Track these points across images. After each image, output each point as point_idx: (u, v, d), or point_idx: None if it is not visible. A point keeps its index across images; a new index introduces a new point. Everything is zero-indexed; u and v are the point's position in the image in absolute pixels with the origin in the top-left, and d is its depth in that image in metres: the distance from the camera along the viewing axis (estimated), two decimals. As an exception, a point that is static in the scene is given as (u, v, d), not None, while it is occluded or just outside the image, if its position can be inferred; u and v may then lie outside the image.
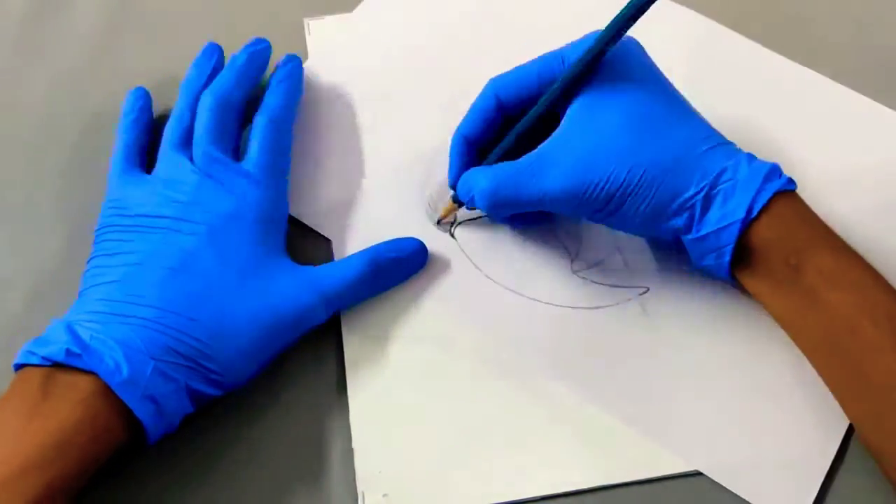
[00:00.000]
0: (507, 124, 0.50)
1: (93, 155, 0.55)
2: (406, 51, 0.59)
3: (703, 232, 0.46)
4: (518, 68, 0.49)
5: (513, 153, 0.49)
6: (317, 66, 0.58)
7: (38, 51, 0.59)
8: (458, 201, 0.51)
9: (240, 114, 0.53)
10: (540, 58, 0.49)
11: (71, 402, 0.41)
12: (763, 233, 0.45)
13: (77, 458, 0.41)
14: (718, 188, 0.46)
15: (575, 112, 0.47)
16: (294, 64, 0.55)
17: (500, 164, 0.49)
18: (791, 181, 0.46)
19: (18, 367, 0.43)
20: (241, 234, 0.47)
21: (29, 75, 0.58)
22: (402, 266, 0.50)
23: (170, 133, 0.51)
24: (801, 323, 0.46)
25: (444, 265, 0.51)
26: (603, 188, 0.46)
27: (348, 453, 0.47)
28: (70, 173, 0.54)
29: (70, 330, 0.42)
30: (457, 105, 0.51)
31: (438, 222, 0.52)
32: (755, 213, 0.45)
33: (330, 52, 0.59)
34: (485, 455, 0.47)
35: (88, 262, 0.47)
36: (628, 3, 0.45)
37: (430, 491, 0.46)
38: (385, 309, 0.50)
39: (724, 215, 0.45)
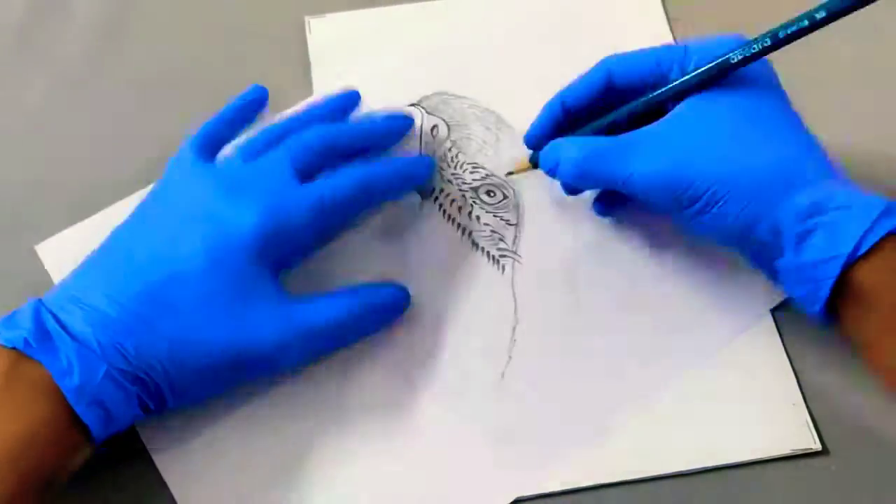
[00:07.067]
0: (608, 107, 0.49)
1: (93, 155, 0.55)
2: (409, 51, 0.58)
3: (802, 259, 0.43)
4: (638, 51, 0.48)
5: (605, 135, 0.48)
6: (317, 65, 0.58)
7: (38, 51, 0.59)
8: (534, 162, 0.50)
9: (333, 159, 0.49)
10: (662, 46, 0.48)
11: (34, 397, 0.40)
12: (872, 273, 0.42)
13: (46, 453, 0.40)
14: (826, 215, 0.43)
15: (686, 105, 0.46)
16: (427, 165, 0.52)
17: (594, 137, 0.48)
18: None
19: None
20: (243, 247, 0.44)
21: (29, 75, 0.58)
22: (384, 312, 0.48)
23: (251, 137, 0.49)
24: None
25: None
26: (692, 186, 0.44)
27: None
28: (70, 173, 0.54)
29: (36, 316, 0.42)
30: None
31: (509, 174, 0.52)
32: (864, 249, 0.42)
33: (331, 51, 0.58)
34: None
35: (113, 230, 0.46)
36: (782, 26, 0.44)
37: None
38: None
39: (829, 246, 0.42)
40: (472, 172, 0.54)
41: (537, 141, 0.51)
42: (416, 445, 0.46)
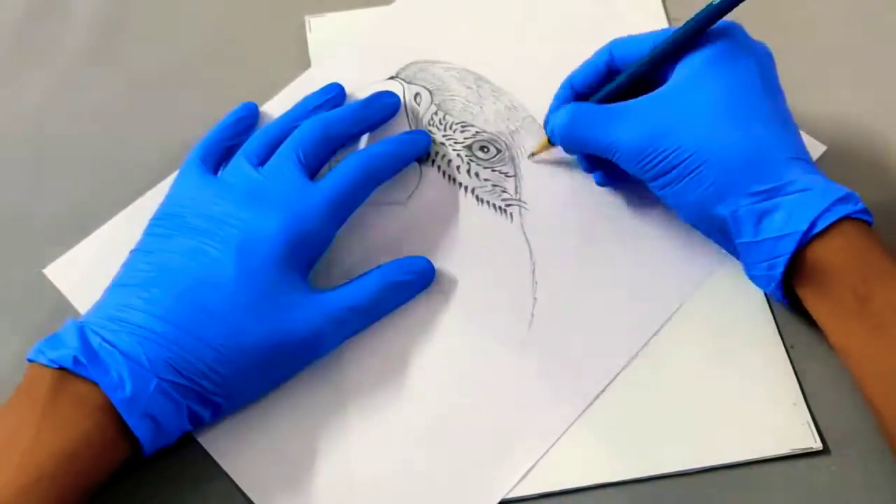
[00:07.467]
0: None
1: (92, 155, 0.55)
2: (409, 50, 0.58)
3: (760, 237, 0.45)
4: (638, 34, 0.50)
5: None
6: (317, 64, 0.58)
7: (38, 51, 0.59)
8: (553, 141, 0.52)
9: (335, 148, 0.52)
10: (661, 30, 0.50)
11: (80, 413, 0.41)
12: (828, 254, 0.44)
13: (87, 468, 0.41)
14: (786, 197, 0.45)
15: (673, 79, 0.48)
16: (422, 139, 0.54)
17: (584, 104, 0.50)
18: (867, 211, 0.45)
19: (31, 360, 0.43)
20: (272, 251, 0.45)
21: (29, 75, 0.58)
22: (411, 286, 0.50)
23: (250, 143, 0.50)
24: (862, 353, 0.44)
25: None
26: (666, 158, 0.46)
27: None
28: (71, 173, 0.54)
29: (81, 335, 0.42)
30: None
31: (531, 155, 0.54)
32: (819, 228, 0.44)
33: (331, 50, 0.59)
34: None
35: (132, 251, 0.47)
36: None
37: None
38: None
39: (786, 224, 0.44)
40: (462, 131, 0.55)
41: None
42: (453, 401, 0.48)
